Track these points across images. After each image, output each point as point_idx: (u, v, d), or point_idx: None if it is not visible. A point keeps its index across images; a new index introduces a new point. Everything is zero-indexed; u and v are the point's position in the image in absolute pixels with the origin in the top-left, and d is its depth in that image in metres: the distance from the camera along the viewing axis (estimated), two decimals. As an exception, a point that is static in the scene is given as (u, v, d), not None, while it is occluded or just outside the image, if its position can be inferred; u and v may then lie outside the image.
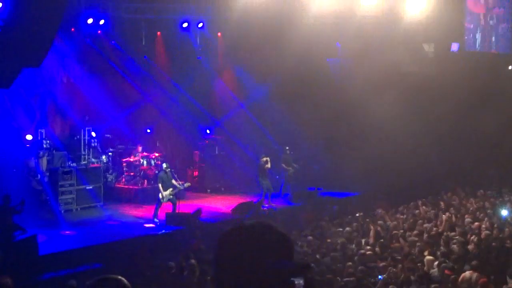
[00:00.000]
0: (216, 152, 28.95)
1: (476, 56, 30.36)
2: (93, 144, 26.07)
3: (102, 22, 24.53)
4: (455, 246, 16.60)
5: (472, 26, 30.81)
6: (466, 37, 30.82)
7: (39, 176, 23.83)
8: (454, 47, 30.76)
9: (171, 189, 21.98)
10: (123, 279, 3.92)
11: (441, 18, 28.01)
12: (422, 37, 30.14)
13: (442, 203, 23.45)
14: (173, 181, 22.28)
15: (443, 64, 29.08)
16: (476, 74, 28.43)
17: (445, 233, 18.16)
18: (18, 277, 14.97)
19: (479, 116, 27.78)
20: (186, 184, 23.15)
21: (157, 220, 21.48)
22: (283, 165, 26.59)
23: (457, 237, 17.64)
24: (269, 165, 24.85)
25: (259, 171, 24.79)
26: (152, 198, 23.41)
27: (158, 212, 21.74)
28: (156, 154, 26.64)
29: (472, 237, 17.50)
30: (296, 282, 2.81)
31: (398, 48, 29.13)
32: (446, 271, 14.14)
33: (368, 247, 16.98)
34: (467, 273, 13.51)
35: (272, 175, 27.21)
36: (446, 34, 29.74)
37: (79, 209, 23.39)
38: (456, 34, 30.45)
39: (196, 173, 27.81)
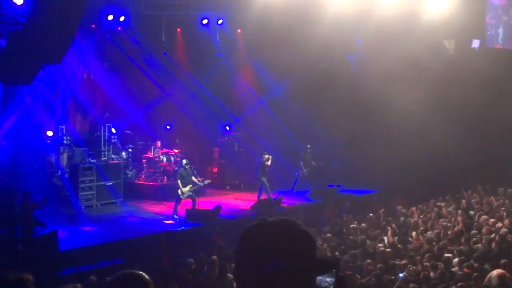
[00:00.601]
0: (236, 149, 28.96)
1: (497, 52, 30.13)
2: (113, 141, 26.19)
3: (122, 18, 24.57)
4: (476, 244, 16.50)
5: (494, 21, 30.58)
6: (488, 32, 30.59)
7: (59, 172, 23.98)
8: (475, 43, 30.53)
9: (190, 185, 22.00)
10: (144, 274, 3.92)
11: (462, 14, 27.78)
12: (443, 34, 29.94)
13: (462, 201, 23.31)
14: (193, 178, 22.29)
15: (464, 60, 28.88)
16: (497, 70, 28.19)
17: (465, 231, 18.06)
18: (39, 272, 15.06)
19: (500, 114, 27.58)
20: (206, 181, 23.15)
21: (177, 217, 21.52)
22: (301, 163, 26.57)
23: (477, 235, 17.54)
24: (269, 163, 24.78)
25: (260, 168, 24.71)
26: (172, 195, 23.47)
27: (178, 209, 21.78)
28: (176, 151, 26.71)
29: (493, 235, 17.37)
30: (327, 279, 2.78)
31: (419, 44, 28.96)
32: (466, 270, 14.05)
33: (388, 245, 16.91)
34: (494, 272, 13.36)
35: (291, 171, 27.30)
36: (467, 30, 29.52)
37: (99, 205, 23.50)
38: (477, 30, 30.23)
39: (215, 170, 27.85)
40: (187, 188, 21.89)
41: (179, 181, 21.99)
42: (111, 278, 3.92)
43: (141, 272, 3.94)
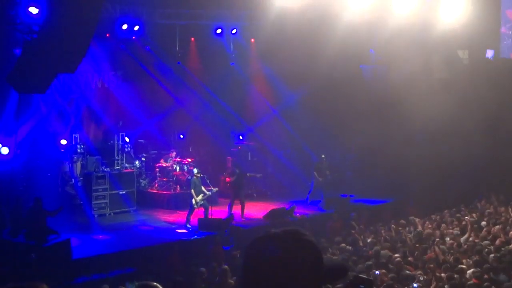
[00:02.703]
0: (249, 158, 28.98)
1: (511, 63, 30.03)
2: (126, 149, 26.23)
3: (136, 28, 24.68)
4: (489, 255, 16.39)
5: (510, 32, 30.49)
6: (504, 42, 30.50)
7: (73, 180, 24.06)
8: (489, 53, 30.45)
9: (202, 194, 22.01)
10: (158, 285, 3.92)
11: (476, 24, 27.72)
12: (457, 44, 29.88)
13: (476, 211, 23.18)
14: (202, 188, 22.29)
15: (478, 71, 28.79)
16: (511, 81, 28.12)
17: (478, 242, 17.97)
18: (52, 281, 15.09)
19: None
20: (214, 189, 23.15)
21: (190, 226, 21.51)
22: (315, 173, 26.52)
23: (490, 246, 17.44)
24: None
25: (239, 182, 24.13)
26: (185, 204, 23.51)
27: (191, 218, 21.78)
28: (189, 160, 26.73)
29: (507, 246, 17.26)
30: None
31: (432, 54, 28.92)
32: (474, 280, 13.98)
33: (402, 255, 16.82)
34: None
35: (304, 181, 27.30)
36: (481, 41, 29.45)
37: (112, 213, 23.56)
38: (491, 40, 30.15)
39: (228, 179, 27.82)
40: (200, 197, 21.91)
41: (192, 190, 22.00)
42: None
43: (155, 284, 3.95)
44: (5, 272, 15.70)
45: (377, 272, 14.51)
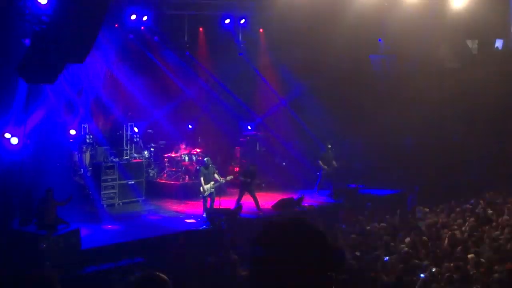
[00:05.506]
0: (257, 148, 29.01)
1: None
2: (135, 140, 26.31)
3: (145, 18, 24.68)
4: (500, 245, 16.39)
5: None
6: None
7: (82, 170, 24.13)
8: (499, 43, 30.35)
9: (212, 182, 22.03)
10: (161, 274, 3.93)
11: (486, 14, 27.61)
12: (466, 34, 29.77)
13: (483, 201, 23.13)
14: (216, 175, 22.28)
15: (487, 60, 28.70)
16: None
17: (487, 232, 17.97)
18: (61, 270, 15.17)
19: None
20: (228, 177, 23.25)
21: (206, 215, 21.51)
22: (320, 162, 26.51)
23: (501, 236, 17.43)
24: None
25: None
26: (193, 194, 23.57)
27: (208, 206, 21.87)
28: (198, 150, 26.77)
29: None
30: None
31: (441, 44, 28.83)
32: (483, 270, 13.99)
33: (410, 245, 16.82)
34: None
35: (313, 171, 27.30)
36: (491, 31, 29.35)
37: (121, 203, 23.63)
38: (501, 30, 30.04)
39: (237, 169, 27.85)
40: (210, 185, 21.92)
41: (201, 179, 22.03)
42: (133, 278, 3.96)
43: (158, 273, 3.96)
44: (16, 262, 15.78)
45: (386, 258, 14.57)
